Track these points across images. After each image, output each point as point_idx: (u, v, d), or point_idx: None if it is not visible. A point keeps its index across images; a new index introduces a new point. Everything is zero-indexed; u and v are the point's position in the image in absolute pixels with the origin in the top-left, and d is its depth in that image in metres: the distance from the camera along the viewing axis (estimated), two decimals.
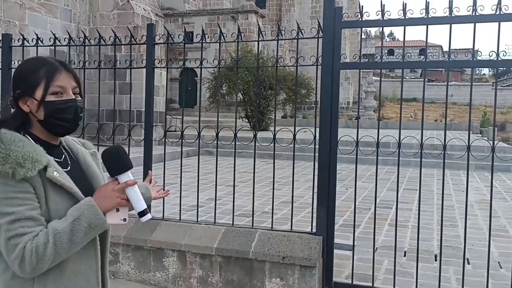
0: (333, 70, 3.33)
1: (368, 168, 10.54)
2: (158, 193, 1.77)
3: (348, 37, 32.66)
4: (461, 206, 6.87)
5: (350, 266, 4.11)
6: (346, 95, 33.11)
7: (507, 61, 3.03)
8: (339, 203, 6.96)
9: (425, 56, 3.17)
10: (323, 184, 3.37)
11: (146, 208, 1.38)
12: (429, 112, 29.95)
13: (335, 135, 3.36)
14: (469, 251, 4.70)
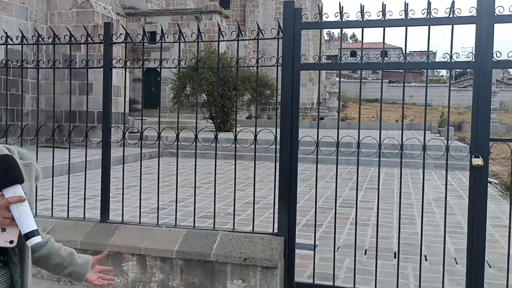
0: (293, 71, 3.35)
1: (331, 168, 10.68)
2: (97, 280, 1.55)
3: (312, 38, 33.04)
4: (420, 204, 7.06)
5: (312, 266, 4.15)
6: (310, 96, 33.49)
7: (459, 62, 3.12)
8: (302, 203, 7.02)
9: (382, 58, 3.23)
10: (284, 184, 3.38)
11: (34, 229, 1.19)
12: (391, 113, 30.67)
13: (296, 136, 3.37)
14: (427, 248, 4.82)
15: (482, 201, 3.11)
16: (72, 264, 1.49)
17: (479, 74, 3.06)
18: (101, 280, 1.57)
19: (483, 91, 3.06)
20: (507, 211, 6.75)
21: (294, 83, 3.36)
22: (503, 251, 4.71)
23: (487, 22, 2.99)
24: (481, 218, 3.12)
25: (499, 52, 3.02)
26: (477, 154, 3.07)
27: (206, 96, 18.30)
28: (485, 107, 3.07)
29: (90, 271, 1.54)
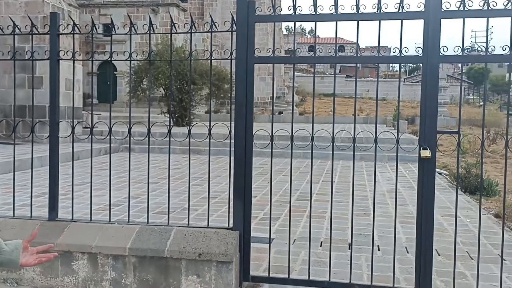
0: (247, 64, 3.33)
1: (288, 162, 10.77)
2: (36, 260, 1.49)
3: (271, 33, 33.11)
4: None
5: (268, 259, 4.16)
6: (269, 90, 33.57)
7: (408, 57, 3.20)
8: (260, 197, 7.04)
9: (335, 52, 3.26)
10: (239, 179, 3.37)
11: None
12: (348, 107, 31.27)
13: (250, 130, 3.36)
14: (380, 238, 4.95)
15: (430, 191, 3.21)
16: (0, 253, 1.42)
17: (427, 68, 3.14)
18: (39, 259, 1.50)
19: (431, 85, 3.15)
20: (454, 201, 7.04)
21: (248, 76, 3.34)
22: (451, 239, 4.90)
23: (434, 17, 3.07)
24: (429, 208, 3.22)
25: (446, 47, 3.11)
26: (425, 146, 3.16)
27: (164, 90, 18.02)
28: (433, 100, 3.16)
29: (24, 255, 1.46)
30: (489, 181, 7.69)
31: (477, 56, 3.09)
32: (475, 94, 41.76)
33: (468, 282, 3.69)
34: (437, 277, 3.78)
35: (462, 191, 7.74)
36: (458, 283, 3.62)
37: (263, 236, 4.95)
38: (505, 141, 3.20)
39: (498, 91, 36.14)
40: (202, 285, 3.17)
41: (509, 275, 3.86)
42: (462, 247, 4.67)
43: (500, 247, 4.69)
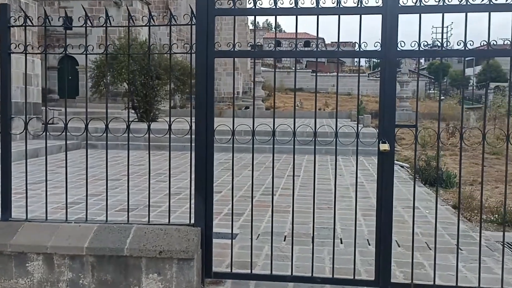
0: (207, 58, 3.28)
1: (255, 157, 10.78)
2: None
3: (237, 28, 33.02)
4: (339, 189, 7.32)
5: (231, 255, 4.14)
6: (236, 85, 33.53)
7: (367, 52, 3.23)
8: (226, 192, 7.00)
9: (295, 46, 3.26)
10: (200, 174, 3.33)
11: None
12: (313, 101, 31.52)
13: (211, 125, 3.32)
14: (343, 231, 5.01)
15: (389, 184, 3.26)
16: None
17: (385, 63, 3.18)
18: None
19: (389, 79, 3.19)
20: (415, 193, 7.21)
21: (209, 70, 3.30)
22: (411, 231, 5.01)
23: (392, 12, 3.11)
24: (388, 200, 3.27)
25: (403, 42, 3.16)
26: (384, 140, 3.21)
27: (128, 85, 17.68)
28: (391, 94, 3.21)
29: None
30: (448, 173, 7.91)
31: (433, 51, 3.15)
32: (436, 88, 42.95)
33: (426, 272, 3.78)
34: (396, 268, 3.86)
35: (422, 183, 7.94)
36: (417, 273, 3.71)
37: (227, 231, 4.92)
38: (460, 134, 3.29)
39: (457, 86, 37.30)
40: (163, 283, 3.12)
41: (466, 264, 3.98)
42: (421, 238, 4.79)
43: (459, 237, 4.85)
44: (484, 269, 3.81)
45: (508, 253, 4.31)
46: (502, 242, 3.31)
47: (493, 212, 5.78)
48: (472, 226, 5.30)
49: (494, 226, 5.45)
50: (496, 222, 5.51)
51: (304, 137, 12.50)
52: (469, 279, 3.62)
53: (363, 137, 11.68)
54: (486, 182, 8.15)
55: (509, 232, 5.13)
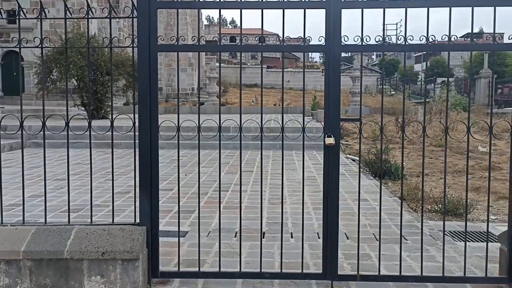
0: (150, 52, 3.19)
1: (209, 153, 10.69)
2: None
3: (191, 23, 32.66)
4: (290, 184, 7.39)
5: (181, 253, 4.07)
6: (190, 81, 33.15)
7: (312, 46, 3.24)
8: (177, 189, 6.89)
9: (240, 40, 3.23)
10: (144, 172, 3.23)
11: None
12: (269, 97, 31.70)
13: (156, 121, 3.23)
14: (294, 225, 5.04)
15: (335, 177, 3.30)
16: None
17: (329, 57, 3.20)
18: None
19: (334, 73, 3.22)
20: (366, 186, 7.37)
21: (152, 65, 3.21)
22: (361, 223, 5.11)
23: (335, 7, 3.13)
24: (335, 193, 3.30)
25: (346, 37, 3.19)
26: (329, 133, 3.23)
27: (77, 82, 17.10)
28: (336, 89, 3.23)
29: None
30: (396, 165, 8.14)
31: (376, 46, 3.20)
32: (387, 83, 44.23)
33: (372, 263, 3.86)
34: (344, 260, 3.92)
35: (372, 176, 8.13)
36: (364, 264, 3.78)
37: (177, 229, 4.84)
38: (402, 127, 3.36)
39: (406, 81, 38.61)
40: (106, 285, 3.02)
41: (410, 254, 4.09)
42: (369, 230, 4.89)
43: (404, 227, 4.98)
44: (427, 257, 3.95)
45: (449, 241, 4.47)
46: (443, 231, 3.42)
47: (437, 202, 5.99)
48: (418, 217, 5.47)
49: (438, 215, 5.65)
50: (440, 212, 5.71)
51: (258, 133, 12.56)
52: (413, 268, 3.73)
53: (315, 131, 11.78)
54: (431, 174, 8.46)
55: (451, 221, 5.34)
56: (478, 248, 4.17)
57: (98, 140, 9.66)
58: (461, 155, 10.87)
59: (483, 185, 7.36)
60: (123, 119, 3.66)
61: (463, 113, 17.98)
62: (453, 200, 5.75)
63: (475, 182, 7.66)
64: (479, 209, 5.99)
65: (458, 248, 4.25)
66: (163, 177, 7.98)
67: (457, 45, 3.16)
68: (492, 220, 5.42)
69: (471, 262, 3.78)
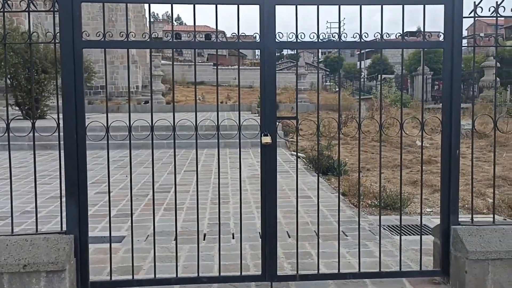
0: (74, 49, 2.99)
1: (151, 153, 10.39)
2: None
3: (133, 19, 31.82)
4: (235, 182, 7.30)
5: (116, 260, 3.88)
6: (134, 79, 32.29)
7: (246, 43, 3.15)
8: (117, 191, 6.62)
9: (172, 37, 3.09)
10: (71, 176, 3.03)
11: None
12: (215, 95, 31.48)
13: (82, 121, 3.04)
14: (236, 225, 4.95)
15: (272, 176, 3.24)
16: None
17: (264, 53, 3.13)
18: None
19: (269, 70, 3.15)
20: (309, 182, 7.43)
21: (77, 62, 3.01)
22: (303, 220, 5.11)
23: (269, 3, 3.06)
24: (272, 193, 3.25)
25: (281, 33, 3.13)
26: (266, 132, 3.17)
27: (10, 80, 16.14)
28: (271, 86, 3.17)
29: None
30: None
31: (311, 43, 3.16)
32: (331, 80, 45.19)
33: (313, 261, 3.84)
34: (285, 260, 3.88)
35: (316, 172, 8.21)
36: (304, 263, 3.76)
37: (115, 234, 4.63)
38: (338, 124, 3.35)
39: (350, 78, 39.62)
40: None
41: (350, 250, 4.12)
42: (311, 227, 4.90)
43: (345, 223, 5.04)
44: (366, 253, 3.99)
45: (387, 236, 4.55)
46: (379, 226, 3.45)
47: (377, 197, 6.10)
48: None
49: (378, 210, 5.75)
50: (380, 206, 5.82)
51: (203, 131, 12.37)
52: (352, 264, 3.75)
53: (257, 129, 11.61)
54: (372, 169, 8.66)
55: (389, 215, 5.45)
56: (414, 242, 4.27)
57: (31, 142, 9.16)
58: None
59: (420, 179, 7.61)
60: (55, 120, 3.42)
61: (403, 108, 18.68)
62: (391, 194, 5.89)
63: (413, 175, 7.90)
64: (416, 202, 6.17)
65: (395, 242, 4.32)
66: (103, 179, 7.66)
67: (389, 43, 3.19)
68: (427, 213, 5.60)
69: (407, 256, 3.86)
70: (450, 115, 3.19)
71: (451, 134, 3.20)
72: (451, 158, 3.20)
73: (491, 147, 10.28)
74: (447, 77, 3.18)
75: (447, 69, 3.17)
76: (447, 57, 3.17)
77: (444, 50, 3.17)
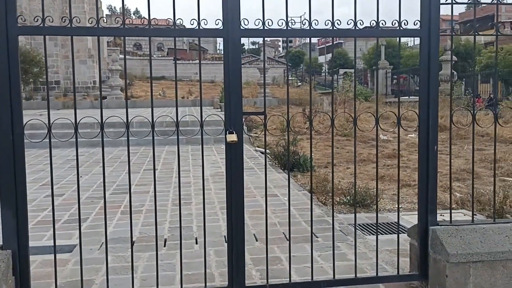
0: (8, 36, 2.58)
1: (109, 151, 9.88)
2: None
3: (89, 12, 30.62)
4: (197, 181, 6.94)
5: (64, 274, 3.49)
6: (91, 74, 31.14)
7: (208, 30, 2.83)
8: (69, 194, 6.14)
9: (123, 23, 2.73)
10: (7, 182, 2.63)
11: None
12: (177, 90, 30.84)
13: (20, 120, 2.64)
14: (199, 229, 4.63)
15: (238, 177, 2.96)
16: None
17: (228, 43, 2.83)
18: None
19: (234, 61, 2.85)
20: (275, 180, 7.17)
21: (11, 51, 2.60)
22: (270, 221, 4.84)
23: None
24: (239, 195, 2.96)
25: (246, 20, 2.83)
26: (231, 129, 2.87)
27: None
28: (236, 79, 2.87)
29: None
30: (304, 157, 8.05)
31: (279, 30, 2.88)
32: (293, 75, 45.27)
33: (283, 267, 3.58)
34: (253, 267, 3.60)
35: (282, 169, 7.97)
36: (274, 270, 3.50)
37: (66, 243, 4.21)
38: (310, 119, 3.10)
39: (311, 72, 39.79)
40: None
41: (321, 253, 3.88)
42: (279, 229, 4.65)
43: (314, 223, 4.79)
44: (339, 256, 3.76)
45: (359, 236, 4.34)
46: (354, 226, 3.20)
47: (345, 194, 5.93)
48: (327, 210, 5.34)
49: (347, 208, 5.57)
50: (349, 204, 5.64)
51: (164, 128, 11.90)
52: (325, 269, 3.51)
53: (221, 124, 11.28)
54: (338, 164, 8.52)
55: (359, 213, 5.27)
56: (387, 242, 4.09)
57: None
58: (365, 144, 11.20)
59: (387, 173, 7.52)
60: None
61: (365, 102, 18.77)
62: (360, 190, 5.72)
63: (379, 170, 7.80)
64: (384, 198, 6.04)
65: (368, 242, 4.13)
66: (55, 180, 7.13)
67: (363, 31, 2.94)
68: (396, 210, 5.45)
69: (381, 258, 3.65)
70: (428, 109, 2.99)
71: (428, 129, 3.00)
72: (429, 154, 3.01)
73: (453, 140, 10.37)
74: (424, 68, 2.97)
75: (424, 59, 2.97)
76: (424, 46, 2.96)
77: (421, 39, 2.96)
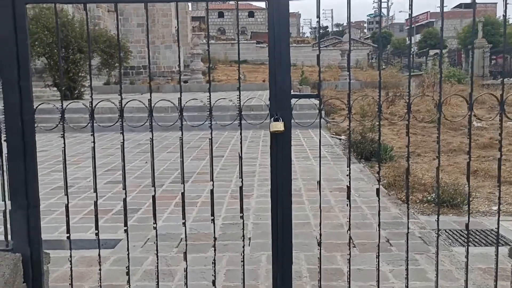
0: (14, 5, 2.21)
1: (179, 135, 9.71)
2: None
3: None
4: (263, 170, 6.45)
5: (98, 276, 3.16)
6: (175, 59, 31.89)
7: None
8: (130, 181, 5.92)
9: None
10: (16, 176, 2.29)
11: None
12: (258, 74, 30.62)
13: (30, 104, 2.28)
14: (255, 227, 4.12)
15: (285, 176, 2.37)
16: None
17: (273, 9, 2.24)
18: None
19: (280, 31, 2.26)
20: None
21: (18, 24, 2.23)
22: (337, 222, 4.20)
23: None
24: (286, 198, 2.39)
25: None
26: (276, 115, 2.29)
27: (47, 60, 15.95)
28: (284, 53, 2.28)
29: None
30: (384, 146, 7.21)
31: None
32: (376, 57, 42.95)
33: (344, 284, 2.95)
34: (308, 281, 3.01)
35: (358, 158, 7.21)
36: (332, 287, 2.89)
37: (111, 238, 3.91)
38: (378, 104, 2.43)
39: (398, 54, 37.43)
40: None
41: (394, 268, 3.17)
42: (345, 232, 3.98)
43: (389, 226, 4.09)
44: (416, 273, 3.04)
45: (444, 247, 3.55)
46: (437, 232, 2.47)
47: (430, 191, 5.09)
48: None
49: (431, 207, 4.74)
50: (434, 202, 4.80)
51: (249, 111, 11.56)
52: None
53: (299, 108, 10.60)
54: (423, 154, 7.56)
55: (446, 215, 4.45)
56: (480, 257, 3.28)
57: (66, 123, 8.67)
58: (455, 132, 9.97)
59: (481, 167, 6.48)
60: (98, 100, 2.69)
61: (457, 85, 17.03)
62: (448, 187, 4.85)
63: (471, 163, 6.76)
64: (478, 197, 5.10)
65: (455, 256, 3.34)
66: (119, 164, 7.03)
67: None
68: (494, 213, 4.53)
69: (472, 279, 2.89)
70: None
71: None
72: None
73: None
74: None
75: None
76: None
77: None
